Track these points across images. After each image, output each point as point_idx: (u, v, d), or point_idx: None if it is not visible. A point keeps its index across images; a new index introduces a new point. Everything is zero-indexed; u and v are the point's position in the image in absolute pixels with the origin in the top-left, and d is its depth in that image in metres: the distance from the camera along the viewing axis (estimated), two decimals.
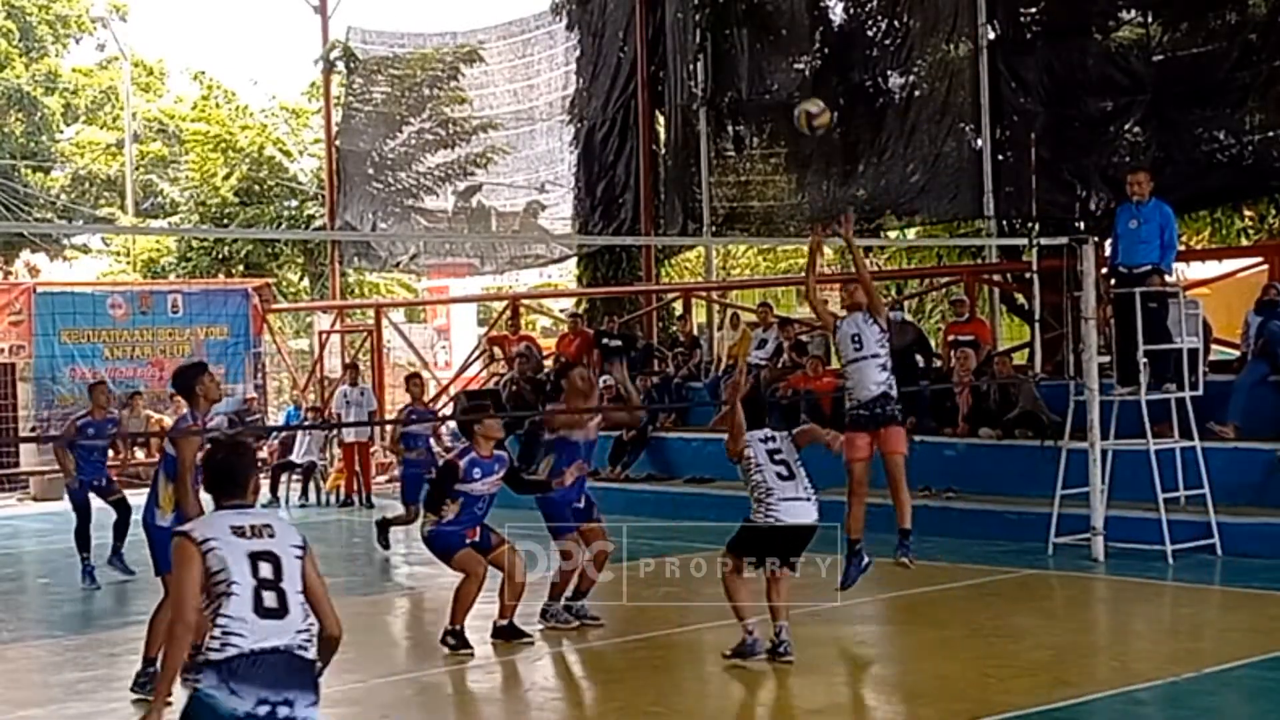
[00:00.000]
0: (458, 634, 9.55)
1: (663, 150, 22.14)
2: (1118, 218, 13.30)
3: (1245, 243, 20.59)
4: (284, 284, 32.85)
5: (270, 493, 20.24)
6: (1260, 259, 16.56)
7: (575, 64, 23.31)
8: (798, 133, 20.14)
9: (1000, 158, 17.76)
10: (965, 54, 17.98)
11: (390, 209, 26.12)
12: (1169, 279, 13.25)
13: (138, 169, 39.35)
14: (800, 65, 20.28)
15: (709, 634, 10.12)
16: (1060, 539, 12.85)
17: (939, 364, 16.94)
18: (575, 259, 25.23)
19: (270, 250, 32.41)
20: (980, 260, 19.69)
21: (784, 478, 8.83)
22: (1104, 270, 13.13)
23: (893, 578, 10.20)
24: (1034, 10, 18.03)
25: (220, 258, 31.57)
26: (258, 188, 33.18)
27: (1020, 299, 18.79)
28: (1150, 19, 16.67)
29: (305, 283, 34.11)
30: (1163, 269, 12.97)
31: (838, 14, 20.12)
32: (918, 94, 18.67)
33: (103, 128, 42.23)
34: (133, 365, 24.16)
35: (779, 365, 17.58)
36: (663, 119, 22.14)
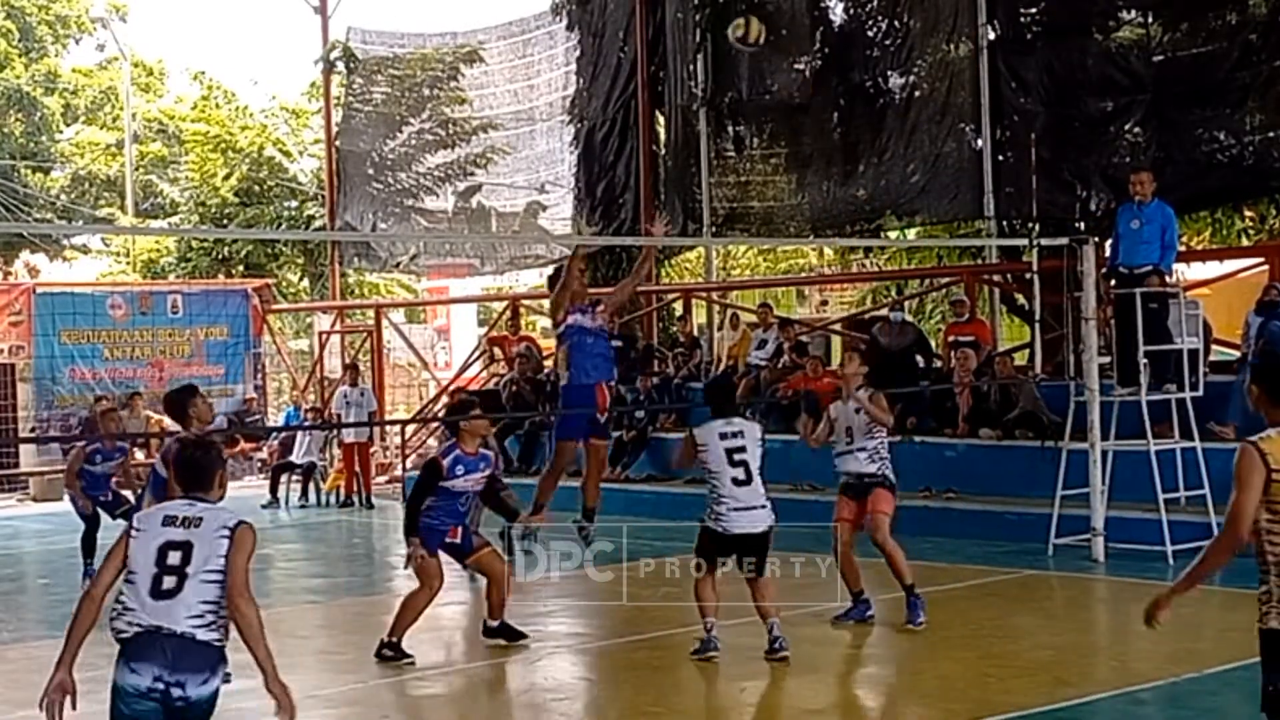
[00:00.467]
0: (395, 646, 9.35)
1: (663, 150, 22.11)
2: (1119, 217, 13.30)
3: (1245, 243, 20.59)
4: (284, 284, 32.83)
5: (270, 493, 20.26)
6: (1260, 259, 16.55)
7: (575, 64, 23.29)
8: (798, 132, 20.37)
9: (1000, 158, 17.74)
10: (965, 54, 17.97)
11: (390, 209, 26.10)
12: (1169, 279, 13.26)
13: (138, 169, 39.30)
14: (800, 65, 20.26)
15: None
16: (1060, 539, 12.86)
17: (939, 364, 16.95)
18: None
19: (270, 251, 32.40)
20: (980, 261, 19.69)
21: (740, 482, 8.85)
22: (1103, 270, 13.13)
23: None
24: (1034, 10, 18.02)
25: (220, 258, 31.55)
26: (258, 188, 33.15)
27: (1020, 299, 18.79)
28: (1150, 19, 16.66)
29: (305, 283, 34.09)
30: (1163, 270, 12.98)
31: (838, 14, 20.11)
32: (918, 94, 18.65)
33: (103, 128, 42.16)
34: (133, 365, 24.14)
35: (779, 366, 17.58)
36: (663, 119, 22.11)
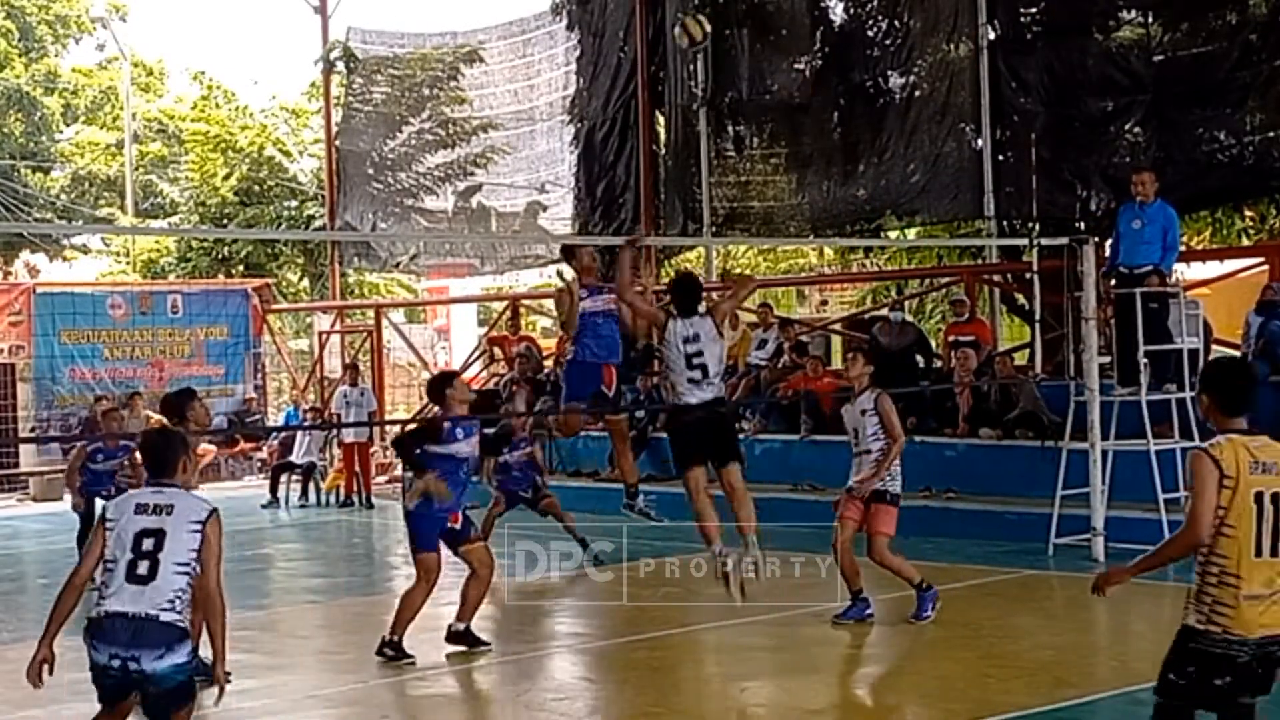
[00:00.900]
0: (396, 645, 9.35)
1: (663, 150, 22.10)
2: (1120, 217, 13.29)
3: (1245, 243, 20.59)
4: (284, 284, 32.83)
5: (270, 493, 20.26)
6: (1261, 259, 16.53)
7: (575, 64, 23.27)
8: (798, 132, 20.37)
9: (1000, 158, 17.74)
10: (965, 54, 17.96)
11: (390, 209, 26.08)
12: (1169, 279, 13.25)
13: (137, 169, 39.29)
14: (800, 65, 20.26)
15: (709, 634, 10.15)
16: (1060, 539, 12.85)
17: (939, 364, 16.94)
18: None
19: (270, 250, 32.39)
20: (980, 260, 19.69)
21: (695, 382, 9.07)
22: (1103, 270, 13.13)
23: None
24: (1034, 10, 18.01)
25: (220, 258, 31.55)
26: (258, 188, 33.15)
27: (1021, 299, 18.78)
28: (1150, 19, 16.66)
29: (305, 283, 34.09)
30: (1163, 270, 12.98)
31: (838, 14, 20.10)
32: (918, 94, 18.64)
33: (102, 128, 42.14)
34: (132, 365, 24.13)
35: (779, 366, 17.57)
36: (663, 119, 22.10)
